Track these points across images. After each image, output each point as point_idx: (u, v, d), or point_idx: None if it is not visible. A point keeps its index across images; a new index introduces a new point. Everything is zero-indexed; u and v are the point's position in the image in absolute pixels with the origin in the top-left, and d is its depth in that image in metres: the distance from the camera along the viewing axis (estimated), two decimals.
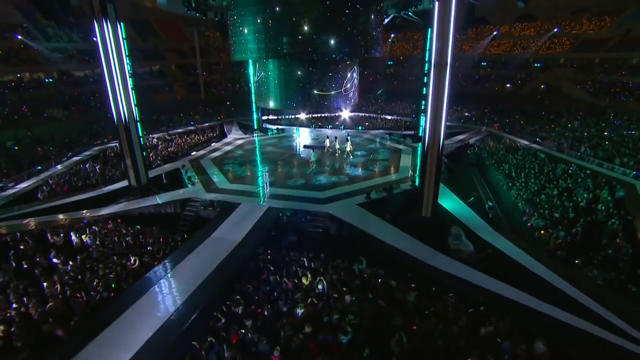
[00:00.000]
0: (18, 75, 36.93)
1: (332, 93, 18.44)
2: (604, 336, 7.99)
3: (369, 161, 21.15)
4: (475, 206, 15.18)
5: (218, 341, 7.55)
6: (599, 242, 12.01)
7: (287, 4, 16.03)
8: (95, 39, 14.89)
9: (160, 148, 25.86)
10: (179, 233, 14.47)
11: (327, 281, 9.77)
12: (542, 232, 13.12)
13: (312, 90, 18.31)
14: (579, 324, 8.32)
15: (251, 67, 26.38)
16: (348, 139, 22.56)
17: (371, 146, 24.91)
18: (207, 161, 21.99)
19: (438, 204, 14.33)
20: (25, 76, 37.63)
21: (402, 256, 11.60)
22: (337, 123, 34.42)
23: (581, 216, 13.65)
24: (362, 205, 14.98)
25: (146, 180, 17.39)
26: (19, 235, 12.55)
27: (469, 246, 12.23)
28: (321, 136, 26.23)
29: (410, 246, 12.00)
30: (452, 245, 12.32)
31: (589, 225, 13.08)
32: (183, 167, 19.91)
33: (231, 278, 10.46)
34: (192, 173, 19.16)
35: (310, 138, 27.49)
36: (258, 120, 30.14)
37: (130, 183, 17.02)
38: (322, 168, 19.94)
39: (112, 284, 9.94)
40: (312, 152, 20.59)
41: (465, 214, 14.19)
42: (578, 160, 20.41)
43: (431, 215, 13.87)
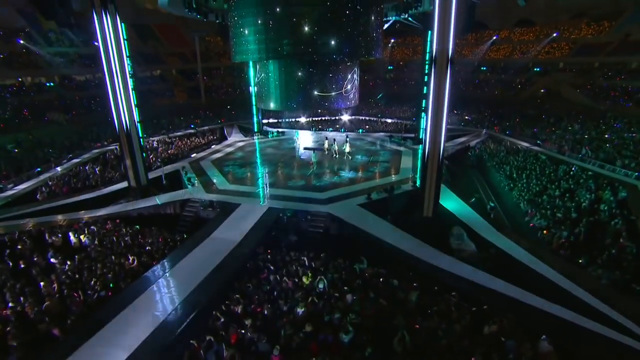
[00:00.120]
0: (20, 79, 36.97)
1: (333, 94, 18.42)
2: (610, 335, 7.87)
3: (370, 163, 21.09)
4: (476, 207, 15.07)
5: (217, 340, 7.42)
6: (602, 242, 11.91)
7: (288, 5, 16.07)
8: (95, 40, 14.94)
9: (160, 150, 25.83)
10: (179, 233, 14.35)
11: (328, 280, 9.65)
12: (545, 232, 13.00)
13: (313, 91, 18.29)
14: (585, 323, 8.19)
15: (251, 70, 26.45)
16: (347, 141, 22.54)
17: (372, 148, 24.91)
18: (207, 163, 21.93)
19: (439, 205, 14.21)
20: (26, 80, 37.66)
21: (404, 256, 11.48)
22: (338, 126, 34.45)
23: (584, 216, 13.55)
24: (363, 205, 14.90)
25: (146, 181, 17.30)
26: (17, 235, 12.45)
27: (471, 246, 12.10)
28: (321, 138, 26.24)
29: (411, 246, 11.89)
30: (454, 245, 12.20)
31: (592, 225, 12.98)
32: (183, 169, 19.85)
33: (231, 277, 10.34)
34: (192, 174, 19.10)
35: (311, 141, 27.48)
36: (258, 123, 30.15)
37: (129, 184, 16.93)
38: (323, 169, 19.91)
39: (110, 284, 9.82)
40: (313, 154, 20.55)
41: (467, 215, 14.09)
42: (579, 162, 20.31)
43: (432, 215, 13.74)
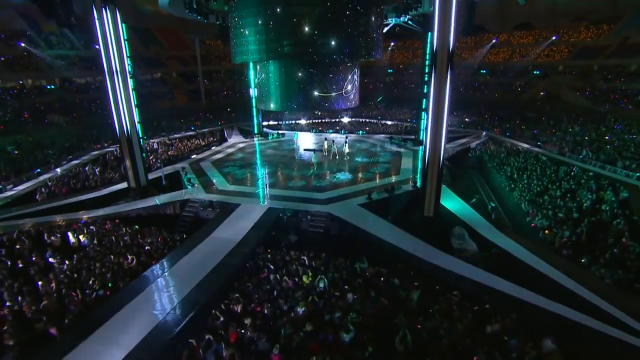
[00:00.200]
0: (20, 82, 37.04)
1: (333, 94, 18.42)
2: (614, 334, 7.78)
3: (370, 164, 21.06)
4: (477, 207, 15.00)
5: (216, 339, 7.33)
6: (605, 242, 11.81)
7: (288, 5, 16.10)
8: (96, 42, 14.93)
9: (160, 152, 25.79)
10: (178, 233, 14.25)
11: (329, 279, 9.56)
12: (547, 232, 12.90)
13: (313, 91, 18.29)
14: (588, 322, 8.10)
15: (252, 71, 26.50)
16: (346, 142, 22.53)
17: (372, 150, 24.90)
18: (207, 164, 21.89)
19: (440, 205, 14.14)
20: (27, 83, 37.73)
21: (405, 255, 11.40)
22: (338, 128, 34.45)
23: (585, 216, 13.47)
24: (364, 205, 14.83)
25: (145, 181, 17.24)
26: (15, 235, 12.37)
27: (473, 246, 12.02)
28: (321, 140, 26.25)
29: (412, 245, 11.81)
30: (456, 245, 12.12)
31: (594, 225, 12.89)
32: (183, 170, 19.79)
33: (230, 277, 10.25)
34: (192, 175, 19.05)
35: (311, 142, 27.46)
36: (258, 124, 30.16)
37: (129, 184, 16.87)
38: (323, 170, 19.88)
39: (109, 283, 9.74)
40: (314, 154, 20.55)
41: (468, 215, 14.01)
42: (580, 163, 20.25)
43: (434, 215, 13.66)
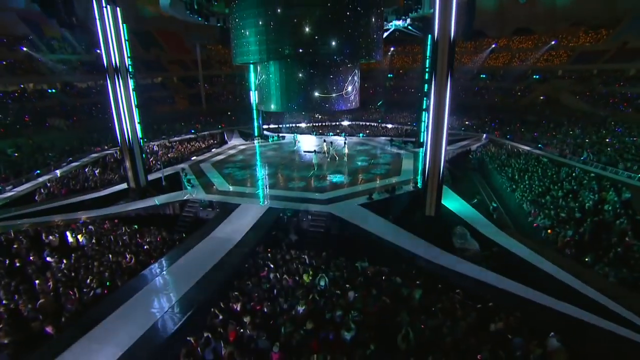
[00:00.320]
0: (22, 85, 37.14)
1: (334, 95, 18.43)
2: (620, 332, 7.66)
3: (370, 165, 21.01)
4: (479, 207, 14.92)
5: (215, 337, 7.19)
6: (608, 241, 11.72)
7: (289, 6, 16.15)
8: (97, 44, 15.02)
9: (160, 154, 25.74)
10: (177, 233, 14.14)
11: (329, 278, 9.44)
12: (549, 232, 12.79)
13: (314, 92, 18.30)
14: (593, 320, 7.98)
15: (252, 73, 26.53)
16: (345, 143, 22.52)
17: (373, 152, 24.89)
18: (207, 165, 21.83)
19: (442, 205, 14.05)
20: (28, 87, 37.86)
21: (407, 254, 11.29)
22: (338, 131, 34.48)
23: (588, 216, 13.37)
24: (364, 205, 14.73)
25: (145, 182, 17.16)
26: (13, 234, 12.25)
27: (475, 245, 11.91)
28: (321, 142, 26.19)
29: (413, 245, 11.71)
30: (458, 244, 12.02)
31: (596, 225, 12.79)
32: (182, 171, 19.74)
33: (230, 276, 10.13)
34: (192, 176, 18.98)
35: (311, 144, 27.46)
36: (259, 127, 30.17)
37: (129, 185, 16.79)
38: (324, 171, 19.84)
39: (107, 282, 9.61)
40: (314, 155, 20.55)
41: (469, 215, 13.92)
42: (581, 164, 20.19)
43: (435, 215, 13.56)
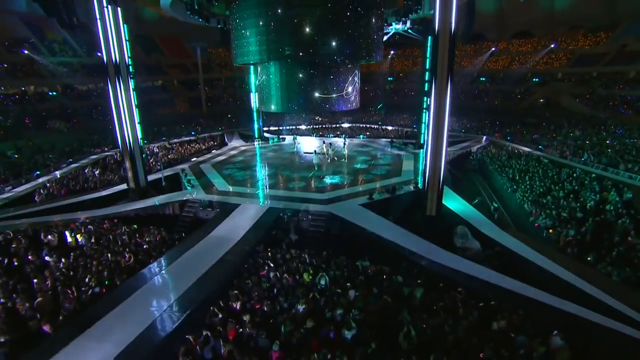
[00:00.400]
0: (23, 88, 37.20)
1: (334, 96, 18.44)
2: (626, 331, 7.56)
3: (371, 166, 20.99)
4: (480, 207, 14.85)
5: (214, 336, 7.10)
6: (610, 241, 11.64)
7: (289, 7, 16.20)
8: (98, 45, 15.05)
9: (160, 155, 25.72)
10: (177, 233, 14.06)
11: (330, 277, 9.36)
12: (551, 231, 12.72)
13: (314, 92, 18.30)
14: (598, 319, 7.90)
15: (252, 74, 26.56)
16: (345, 144, 22.53)
17: (373, 153, 24.89)
18: (207, 166, 21.79)
19: (443, 205, 13.99)
20: (29, 89, 37.93)
21: (408, 253, 11.21)
22: (339, 133, 34.51)
23: (589, 216, 13.30)
24: (365, 205, 14.66)
25: (145, 183, 17.11)
26: (12, 234, 12.17)
27: (476, 244, 11.84)
28: (320, 143, 26.20)
29: (415, 244, 11.62)
30: (459, 244, 11.94)
31: (598, 224, 12.72)
32: (182, 171, 19.69)
33: (229, 275, 10.05)
34: (192, 176, 18.93)
35: (311, 145, 27.46)
36: (259, 129, 30.19)
37: (128, 185, 16.74)
38: (324, 172, 19.83)
39: (106, 281, 9.52)
40: (315, 156, 20.56)
41: (470, 214, 13.84)
42: (582, 165, 20.14)
43: (436, 214, 13.49)
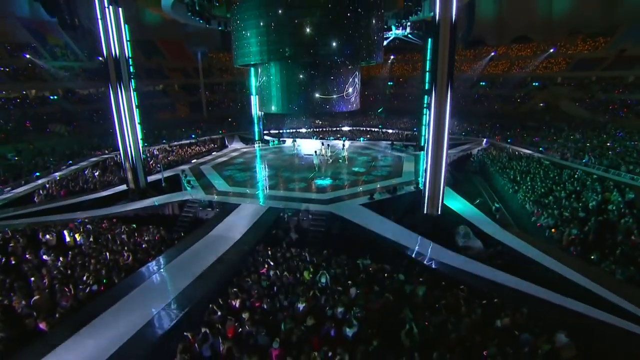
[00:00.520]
0: (24, 92, 37.31)
1: (334, 97, 18.45)
2: (629, 328, 7.48)
3: (371, 167, 20.95)
4: (481, 208, 14.76)
5: (213, 333, 6.99)
6: (613, 240, 11.55)
7: (289, 8, 16.27)
8: (99, 47, 15.12)
9: (160, 157, 25.69)
10: (176, 233, 13.96)
11: (331, 275, 9.26)
12: (553, 231, 12.61)
13: (314, 93, 18.32)
14: (603, 317, 7.81)
15: (253, 76, 26.60)
16: (344, 146, 22.52)
17: (374, 154, 24.89)
18: (208, 167, 21.77)
19: (445, 205, 13.91)
20: (30, 93, 38.04)
21: (409, 252, 11.13)
22: (339, 135, 34.54)
23: (592, 215, 13.21)
24: (365, 205, 14.59)
25: (145, 183, 17.04)
26: (10, 234, 12.08)
27: (478, 243, 11.75)
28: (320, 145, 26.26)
29: (416, 243, 11.54)
30: (461, 243, 11.86)
31: (601, 224, 12.62)
32: (182, 172, 19.65)
33: (229, 273, 9.97)
34: (192, 177, 18.89)
35: (312, 147, 27.49)
36: (259, 132, 30.21)
37: (128, 186, 16.68)
38: (324, 173, 19.81)
39: (104, 279, 9.42)
40: (315, 156, 20.54)
41: (472, 214, 13.77)
42: (583, 167, 20.07)
43: (437, 214, 13.40)
